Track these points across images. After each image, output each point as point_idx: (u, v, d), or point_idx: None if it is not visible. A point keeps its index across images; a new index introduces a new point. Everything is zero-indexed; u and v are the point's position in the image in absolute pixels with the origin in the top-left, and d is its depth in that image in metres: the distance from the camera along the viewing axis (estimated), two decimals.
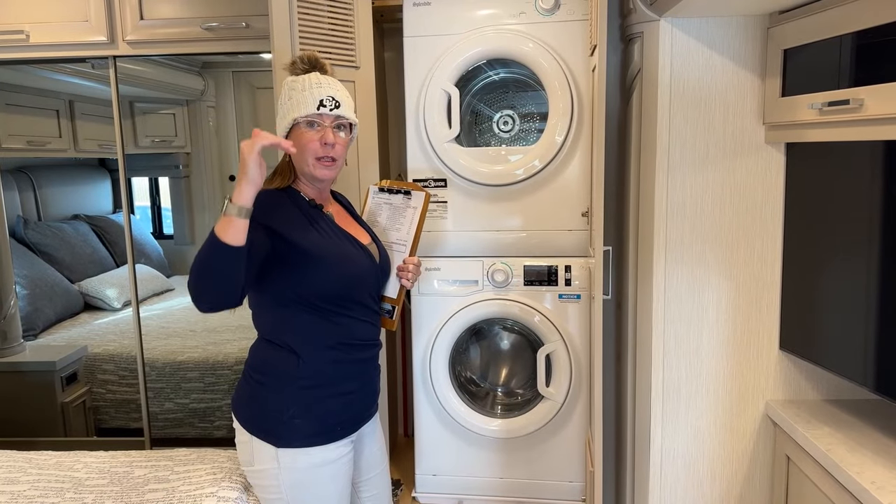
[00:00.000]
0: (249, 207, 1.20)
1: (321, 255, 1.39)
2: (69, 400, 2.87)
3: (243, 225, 1.19)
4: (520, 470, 2.36)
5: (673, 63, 1.65)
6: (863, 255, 1.42)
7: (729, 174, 1.67)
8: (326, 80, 1.45)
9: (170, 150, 3.15)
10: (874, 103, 1.26)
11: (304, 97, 1.41)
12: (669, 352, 1.74)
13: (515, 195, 2.25)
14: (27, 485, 1.72)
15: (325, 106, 1.41)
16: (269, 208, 1.36)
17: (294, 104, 1.42)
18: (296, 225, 1.40)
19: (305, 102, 1.40)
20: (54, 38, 2.45)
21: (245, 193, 1.19)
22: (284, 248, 1.36)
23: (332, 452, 1.43)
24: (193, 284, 1.22)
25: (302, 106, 1.41)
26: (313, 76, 1.44)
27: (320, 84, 1.43)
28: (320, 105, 1.40)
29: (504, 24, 2.18)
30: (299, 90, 1.42)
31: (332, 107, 1.41)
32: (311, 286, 1.39)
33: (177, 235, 3.37)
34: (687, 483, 1.78)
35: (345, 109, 1.44)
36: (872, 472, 1.30)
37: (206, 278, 1.22)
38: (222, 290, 1.23)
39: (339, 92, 1.44)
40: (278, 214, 1.38)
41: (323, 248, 1.40)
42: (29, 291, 2.98)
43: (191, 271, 1.22)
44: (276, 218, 1.37)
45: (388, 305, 1.62)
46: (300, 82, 1.43)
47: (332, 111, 1.41)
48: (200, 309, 1.25)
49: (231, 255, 1.19)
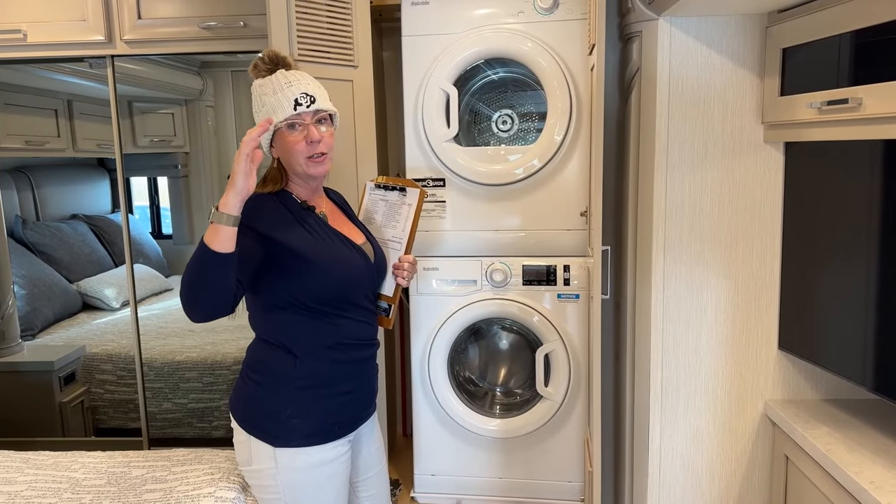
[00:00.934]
0: (237, 216, 1.20)
1: (314, 259, 1.38)
2: (67, 400, 2.86)
3: (231, 232, 1.20)
4: (518, 470, 2.36)
5: (671, 62, 1.65)
6: (862, 254, 1.42)
7: (728, 173, 1.67)
8: (294, 76, 1.40)
9: (169, 150, 3.14)
10: (873, 102, 1.26)
11: (278, 100, 1.37)
12: (668, 351, 1.74)
13: (514, 195, 2.24)
14: (24, 485, 1.72)
15: (301, 104, 1.36)
16: (260, 213, 1.34)
17: (269, 110, 1.38)
18: (288, 229, 1.38)
19: (280, 105, 1.37)
20: (52, 37, 2.44)
21: (231, 202, 1.19)
22: (277, 252, 1.35)
23: (329, 452, 1.43)
24: (185, 295, 1.23)
25: (278, 110, 1.37)
26: (280, 75, 1.40)
27: (290, 82, 1.38)
28: (296, 104, 1.36)
29: (503, 24, 2.17)
30: (270, 94, 1.38)
31: (308, 103, 1.37)
32: (305, 290, 1.38)
33: (175, 235, 3.37)
34: (686, 483, 1.78)
35: (321, 102, 1.40)
36: (871, 472, 1.30)
37: (198, 288, 1.22)
38: (214, 299, 1.23)
39: (310, 86, 1.40)
40: (270, 219, 1.37)
41: (315, 252, 1.39)
42: (27, 291, 2.98)
43: (182, 283, 1.23)
44: (267, 223, 1.36)
45: (384, 304, 1.62)
46: (269, 85, 1.39)
47: (310, 107, 1.37)
48: (193, 319, 1.25)
49: (220, 262, 1.20)
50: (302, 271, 1.37)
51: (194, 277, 1.22)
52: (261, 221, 1.34)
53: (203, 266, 1.21)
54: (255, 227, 1.32)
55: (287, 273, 1.37)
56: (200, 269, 1.21)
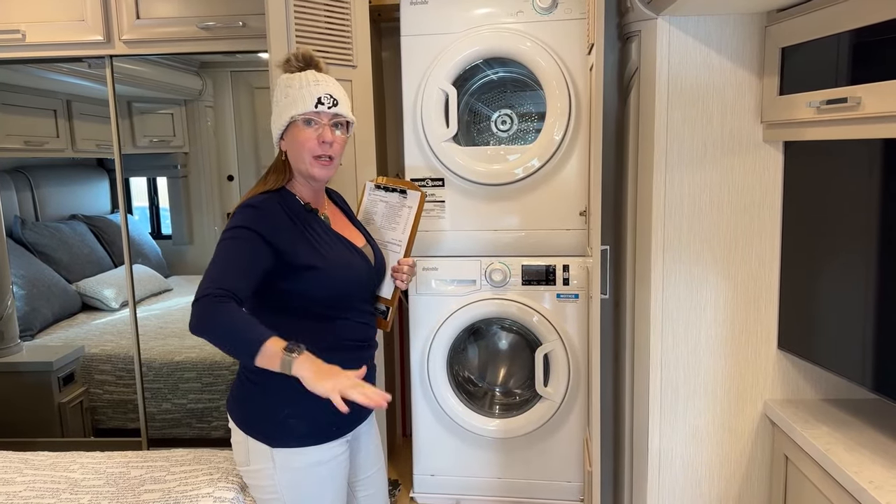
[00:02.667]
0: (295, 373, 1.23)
1: (316, 263, 1.37)
2: (66, 400, 2.86)
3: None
4: (518, 470, 2.36)
5: (670, 61, 1.65)
6: (861, 253, 1.42)
7: (727, 173, 1.67)
8: (323, 77, 1.44)
9: (168, 150, 3.14)
10: (872, 101, 1.25)
11: (302, 94, 1.39)
12: (667, 351, 1.73)
13: (513, 194, 2.24)
14: (23, 485, 1.71)
15: (323, 104, 1.39)
16: (264, 219, 1.35)
17: (291, 101, 1.40)
18: (290, 233, 1.38)
19: (303, 100, 1.39)
20: (50, 37, 2.44)
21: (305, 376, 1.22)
22: (279, 257, 1.35)
23: (327, 452, 1.43)
24: (209, 339, 1.27)
25: (299, 103, 1.39)
26: (310, 74, 1.43)
27: (318, 82, 1.41)
28: (318, 103, 1.38)
29: (502, 23, 2.17)
30: (296, 87, 1.40)
31: (331, 104, 1.40)
32: (305, 294, 1.38)
33: (175, 236, 3.37)
34: (685, 483, 1.77)
35: (342, 107, 1.42)
36: (871, 472, 1.30)
37: (221, 347, 1.29)
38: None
39: (336, 90, 1.43)
40: (273, 224, 1.36)
41: (318, 258, 1.38)
42: (26, 291, 2.98)
43: (212, 332, 1.26)
44: (271, 228, 1.35)
45: (382, 306, 1.61)
46: (296, 80, 1.42)
47: (331, 109, 1.40)
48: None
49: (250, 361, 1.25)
50: (304, 277, 1.37)
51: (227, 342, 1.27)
52: (266, 226, 1.34)
53: (237, 354, 1.29)
54: (262, 232, 1.33)
55: (289, 278, 1.37)
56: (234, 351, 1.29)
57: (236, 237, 1.32)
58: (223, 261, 1.30)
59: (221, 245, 1.32)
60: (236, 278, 1.28)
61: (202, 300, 1.24)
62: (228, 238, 1.33)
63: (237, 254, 1.31)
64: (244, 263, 1.31)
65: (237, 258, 1.31)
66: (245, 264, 1.31)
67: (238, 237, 1.32)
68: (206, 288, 1.25)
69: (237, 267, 1.30)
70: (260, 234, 1.32)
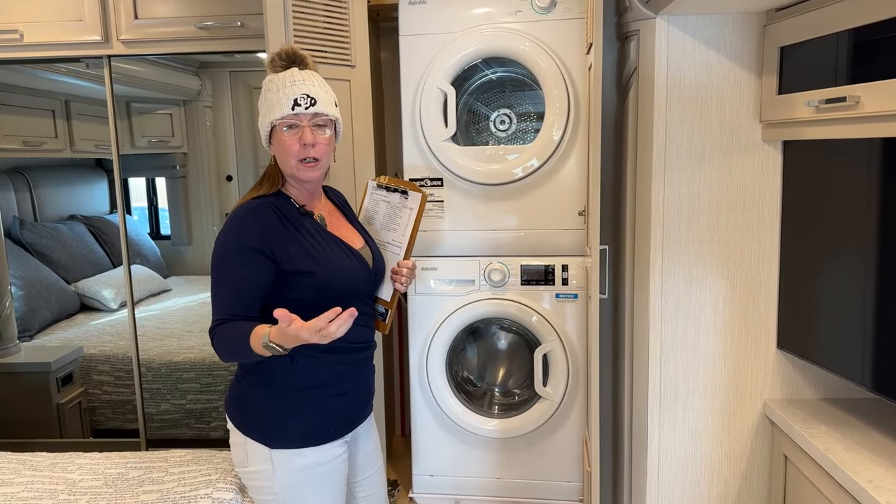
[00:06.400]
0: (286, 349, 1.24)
1: (311, 269, 1.36)
2: (65, 401, 2.86)
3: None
4: (517, 470, 2.35)
5: (669, 61, 1.64)
6: (861, 252, 1.42)
7: (726, 172, 1.66)
8: (302, 75, 1.37)
9: (167, 151, 3.14)
10: (871, 100, 1.25)
11: (278, 98, 1.35)
12: (666, 351, 1.73)
13: (512, 194, 2.24)
14: (21, 486, 1.71)
15: (300, 105, 1.34)
16: (252, 230, 1.33)
17: (269, 107, 1.37)
18: (286, 239, 1.36)
19: (279, 104, 1.35)
20: (48, 37, 2.44)
21: (284, 345, 1.23)
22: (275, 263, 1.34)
23: (326, 453, 1.42)
24: (221, 356, 1.37)
25: (276, 108, 1.35)
26: (287, 74, 1.38)
27: (294, 81, 1.36)
28: (294, 105, 1.34)
29: (500, 23, 2.17)
30: (273, 91, 1.36)
31: (308, 105, 1.34)
32: (302, 299, 1.36)
33: (174, 236, 3.37)
34: (684, 483, 1.77)
35: (322, 106, 1.36)
36: (870, 472, 1.30)
37: (235, 359, 1.39)
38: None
39: (314, 87, 1.37)
40: (261, 231, 1.34)
41: (312, 262, 1.37)
42: (25, 292, 2.97)
43: (227, 358, 1.38)
44: (259, 237, 1.34)
45: (381, 308, 1.60)
46: (275, 82, 1.37)
47: (308, 109, 1.34)
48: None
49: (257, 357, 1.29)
50: (298, 282, 1.36)
51: (235, 356, 1.36)
52: (262, 236, 1.33)
53: (243, 356, 1.35)
54: (252, 245, 1.33)
55: (284, 284, 1.36)
56: (241, 356, 1.35)
57: (223, 264, 1.34)
58: (218, 292, 1.35)
59: (215, 277, 1.35)
60: (233, 307, 1.33)
61: (211, 338, 1.35)
62: (217, 266, 1.35)
63: (230, 284, 1.34)
64: (241, 288, 1.34)
65: (231, 288, 1.34)
66: (243, 288, 1.34)
67: (225, 263, 1.34)
68: (211, 325, 1.34)
69: (234, 296, 1.34)
70: (250, 247, 1.32)
